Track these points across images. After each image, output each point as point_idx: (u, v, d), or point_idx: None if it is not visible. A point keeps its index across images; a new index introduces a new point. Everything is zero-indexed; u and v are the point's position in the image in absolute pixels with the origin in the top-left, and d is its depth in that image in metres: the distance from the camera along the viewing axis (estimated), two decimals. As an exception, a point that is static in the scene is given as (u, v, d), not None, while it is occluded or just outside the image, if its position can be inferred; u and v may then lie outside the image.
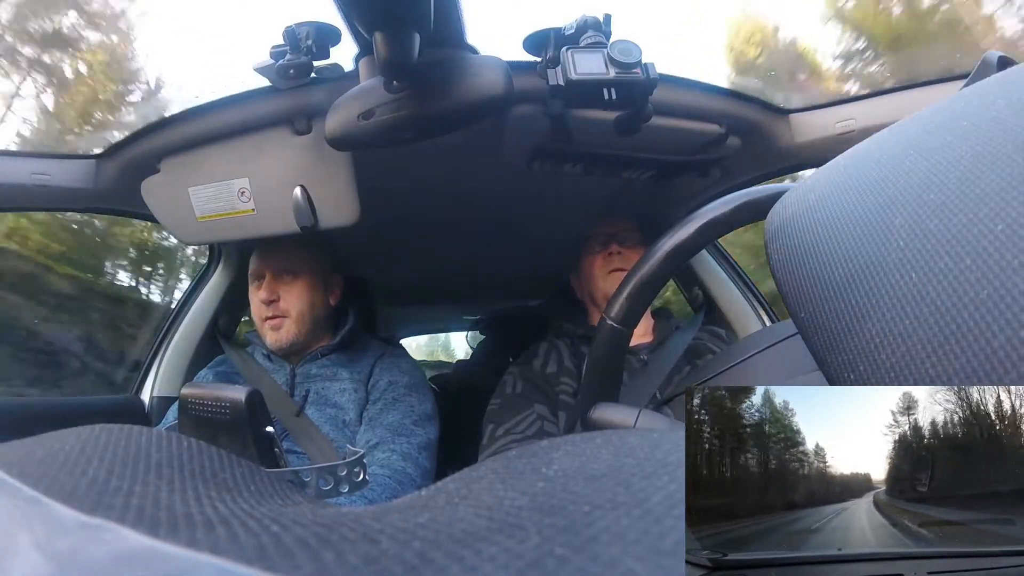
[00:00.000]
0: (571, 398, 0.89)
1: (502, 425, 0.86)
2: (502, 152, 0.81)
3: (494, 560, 0.10)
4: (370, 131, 0.59)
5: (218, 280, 1.17)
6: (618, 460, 0.14)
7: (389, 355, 0.97)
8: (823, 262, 0.21)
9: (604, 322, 0.40)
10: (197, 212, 0.79)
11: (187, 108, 0.75)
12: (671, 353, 0.88)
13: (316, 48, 0.60)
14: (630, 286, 0.39)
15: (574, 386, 0.90)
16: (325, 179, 0.74)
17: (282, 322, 0.91)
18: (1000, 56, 0.30)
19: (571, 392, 0.89)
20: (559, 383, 0.90)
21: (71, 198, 0.88)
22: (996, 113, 0.17)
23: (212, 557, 0.10)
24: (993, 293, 0.14)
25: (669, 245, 0.38)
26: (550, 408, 0.88)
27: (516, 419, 0.86)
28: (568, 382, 0.90)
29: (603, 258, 0.96)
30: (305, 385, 0.91)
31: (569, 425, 0.86)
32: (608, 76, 0.56)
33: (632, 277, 0.39)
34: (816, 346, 0.21)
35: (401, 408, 0.87)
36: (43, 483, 0.14)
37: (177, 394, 0.94)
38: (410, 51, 0.49)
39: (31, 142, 4.56)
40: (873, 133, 0.23)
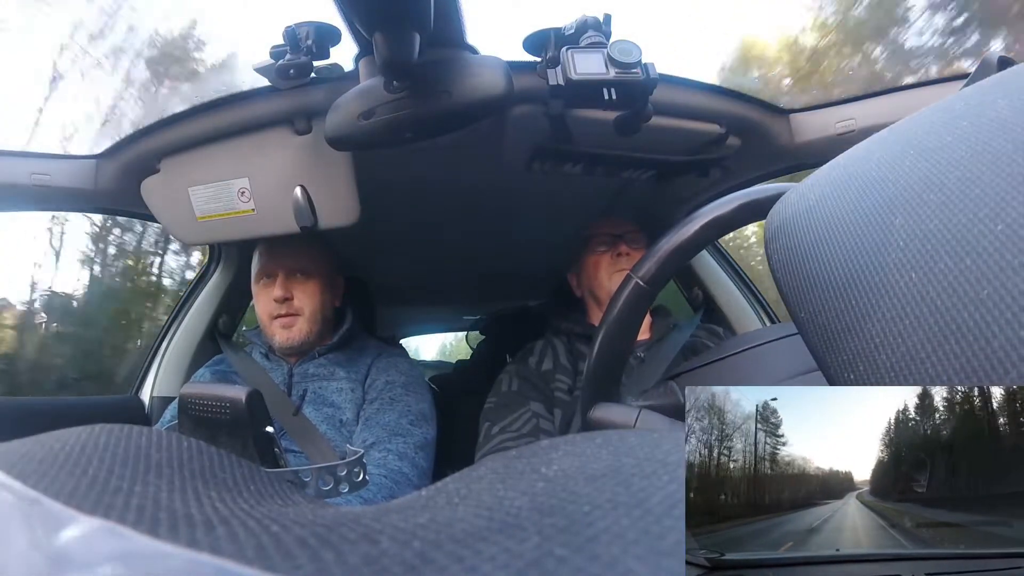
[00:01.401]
0: (567, 395, 0.89)
1: (498, 423, 0.86)
2: (502, 152, 0.81)
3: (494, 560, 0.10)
4: (370, 131, 0.59)
5: (218, 280, 1.17)
6: (618, 460, 0.14)
7: (386, 355, 0.97)
8: (823, 262, 0.21)
9: (630, 279, 0.40)
10: (197, 212, 0.79)
11: (187, 108, 0.75)
12: (668, 351, 0.88)
13: (316, 48, 0.60)
14: (664, 248, 0.39)
15: (569, 383, 0.90)
16: (325, 179, 0.74)
17: (294, 320, 0.91)
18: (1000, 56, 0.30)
19: (566, 389, 0.89)
20: (555, 380, 0.90)
21: (71, 198, 0.88)
22: (996, 113, 0.17)
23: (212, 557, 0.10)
24: (993, 293, 0.14)
25: (709, 216, 0.38)
26: (546, 405, 0.88)
27: (512, 416, 0.86)
28: (564, 379, 0.90)
29: (610, 258, 0.96)
30: (303, 385, 0.91)
31: (565, 422, 0.87)
32: (608, 76, 0.56)
33: (667, 240, 0.39)
34: (816, 346, 0.21)
35: (398, 408, 0.88)
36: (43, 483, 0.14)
37: (176, 394, 0.95)
38: (410, 51, 0.49)
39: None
40: (873, 133, 0.23)
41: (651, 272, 0.39)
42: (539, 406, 0.88)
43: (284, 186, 0.75)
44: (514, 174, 0.86)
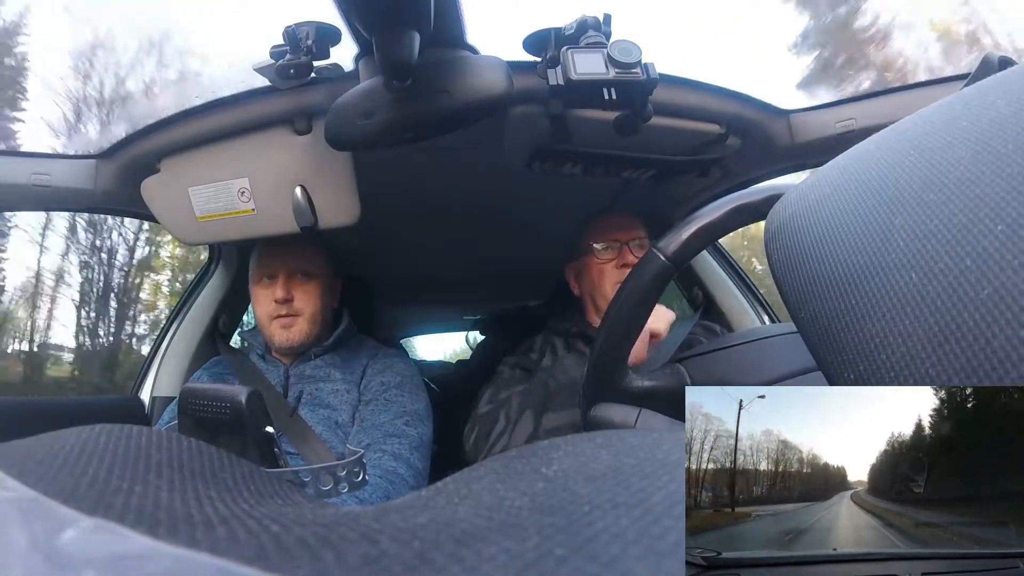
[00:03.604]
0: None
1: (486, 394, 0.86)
2: (502, 152, 0.81)
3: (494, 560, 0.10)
4: (370, 131, 0.59)
5: (218, 280, 1.17)
6: (618, 460, 0.14)
7: (383, 356, 0.97)
8: (823, 262, 0.21)
9: (653, 254, 0.39)
10: (197, 212, 0.79)
11: (187, 108, 0.75)
12: (667, 346, 0.88)
13: (316, 48, 0.60)
14: (692, 226, 0.38)
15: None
16: (325, 179, 0.74)
17: (294, 321, 0.91)
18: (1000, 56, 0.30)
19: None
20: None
21: (71, 198, 0.88)
22: (996, 113, 0.17)
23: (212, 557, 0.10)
24: (993, 293, 0.14)
25: (738, 201, 0.37)
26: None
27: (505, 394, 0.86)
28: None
29: (614, 267, 0.94)
30: (299, 386, 0.91)
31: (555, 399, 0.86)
32: (608, 76, 0.56)
33: (695, 219, 0.38)
34: (816, 346, 0.21)
35: (393, 409, 0.88)
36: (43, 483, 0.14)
37: (176, 394, 0.95)
38: (410, 51, 0.49)
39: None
40: (873, 133, 0.23)
41: (675, 249, 0.38)
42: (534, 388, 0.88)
43: (284, 186, 0.75)
44: (514, 174, 0.86)
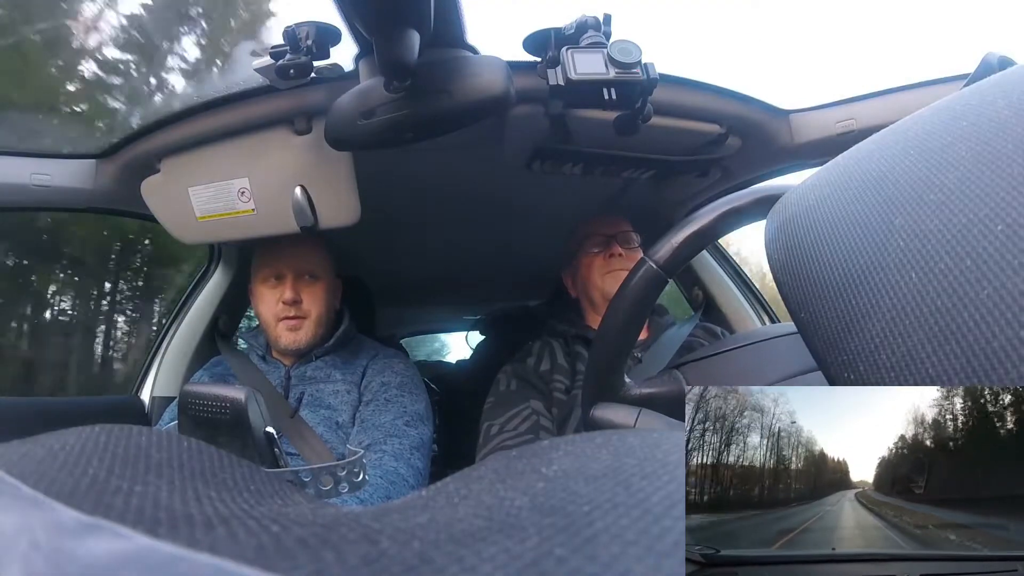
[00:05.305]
0: (564, 395, 0.89)
1: (497, 422, 0.86)
2: (502, 152, 0.81)
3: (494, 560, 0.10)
4: (370, 131, 0.59)
5: (218, 280, 1.17)
6: (618, 460, 0.14)
7: (383, 356, 0.97)
8: (823, 262, 0.21)
9: (644, 262, 0.39)
10: (197, 212, 0.79)
11: (187, 108, 0.75)
12: (666, 350, 0.88)
13: (316, 48, 0.60)
14: (682, 233, 0.38)
15: (567, 384, 0.90)
16: (325, 179, 0.74)
17: (302, 323, 0.91)
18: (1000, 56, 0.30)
19: (564, 389, 0.89)
20: (552, 380, 0.90)
21: (71, 198, 0.88)
22: (996, 113, 0.17)
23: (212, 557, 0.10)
24: (993, 293, 0.14)
25: (727, 206, 0.37)
26: (545, 404, 0.88)
27: (510, 414, 0.86)
28: (561, 379, 0.90)
29: (603, 259, 0.96)
30: (300, 387, 0.91)
31: (561, 419, 0.87)
32: (608, 76, 0.56)
33: (684, 225, 0.38)
34: (816, 346, 0.21)
35: (393, 409, 0.88)
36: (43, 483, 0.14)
37: (176, 394, 0.95)
38: (410, 51, 0.49)
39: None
40: (873, 133, 0.23)
41: (665, 256, 0.38)
42: (538, 404, 0.88)
43: (284, 186, 0.75)
44: (514, 174, 0.86)
